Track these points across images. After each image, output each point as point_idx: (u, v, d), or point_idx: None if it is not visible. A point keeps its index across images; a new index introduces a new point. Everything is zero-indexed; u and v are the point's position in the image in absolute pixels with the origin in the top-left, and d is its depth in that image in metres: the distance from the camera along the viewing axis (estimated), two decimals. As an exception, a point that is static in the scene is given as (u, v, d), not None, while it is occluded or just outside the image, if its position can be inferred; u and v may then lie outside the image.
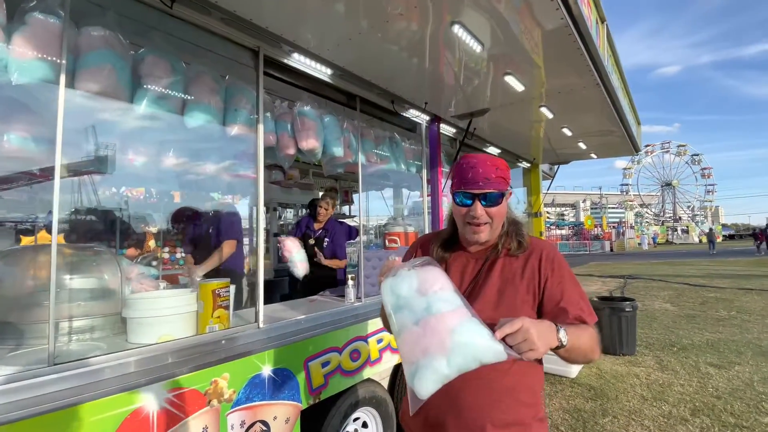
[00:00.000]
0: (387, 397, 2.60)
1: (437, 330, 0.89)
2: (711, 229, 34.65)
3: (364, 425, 2.54)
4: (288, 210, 5.24)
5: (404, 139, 3.55)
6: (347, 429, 2.43)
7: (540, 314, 1.15)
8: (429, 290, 0.96)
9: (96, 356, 1.54)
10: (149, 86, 1.84)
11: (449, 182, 1.23)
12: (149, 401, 1.52)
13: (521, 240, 1.18)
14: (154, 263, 3.22)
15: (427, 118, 3.55)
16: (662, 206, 68.14)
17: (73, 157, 3.21)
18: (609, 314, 5.48)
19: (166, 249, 3.42)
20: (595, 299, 5.94)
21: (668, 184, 66.76)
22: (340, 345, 2.33)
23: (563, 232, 45.74)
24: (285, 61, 2.31)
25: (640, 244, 39.75)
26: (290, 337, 2.12)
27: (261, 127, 2.15)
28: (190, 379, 1.66)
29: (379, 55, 2.45)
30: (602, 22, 2.78)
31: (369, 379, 2.54)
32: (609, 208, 68.24)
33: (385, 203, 5.60)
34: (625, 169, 68.82)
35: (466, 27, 2.14)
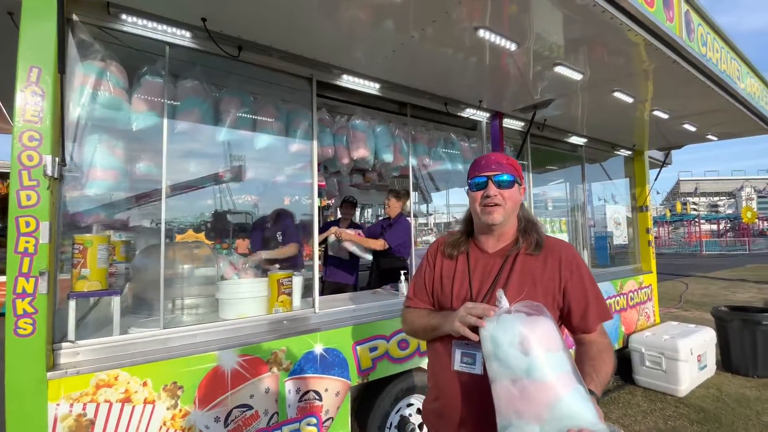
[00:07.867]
0: (440, 388, 2.74)
1: (535, 399, 0.87)
2: None
3: (419, 411, 2.73)
4: (367, 209, 5.70)
5: (463, 138, 3.59)
6: (401, 413, 2.65)
7: (565, 316, 1.19)
8: (532, 351, 0.90)
9: (191, 325, 2.08)
10: (227, 119, 2.36)
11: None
12: (225, 362, 1.99)
13: (539, 239, 1.22)
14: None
15: (487, 115, 3.53)
16: None
17: (210, 169, 4.09)
18: (740, 327, 4.56)
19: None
20: (723, 308, 4.95)
21: None
22: (388, 334, 2.57)
23: (713, 227, 37.68)
24: (336, 82, 2.65)
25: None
26: (340, 323, 2.44)
27: (315, 143, 2.54)
28: (256, 348, 2.09)
29: (427, 61, 2.53)
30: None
31: (422, 369, 2.71)
32: (785, 196, 53.73)
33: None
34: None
35: (493, 30, 2.15)
